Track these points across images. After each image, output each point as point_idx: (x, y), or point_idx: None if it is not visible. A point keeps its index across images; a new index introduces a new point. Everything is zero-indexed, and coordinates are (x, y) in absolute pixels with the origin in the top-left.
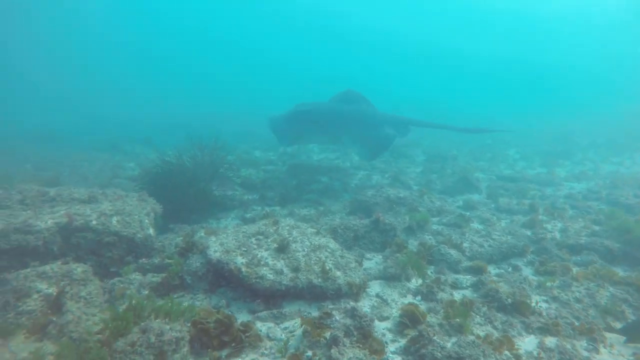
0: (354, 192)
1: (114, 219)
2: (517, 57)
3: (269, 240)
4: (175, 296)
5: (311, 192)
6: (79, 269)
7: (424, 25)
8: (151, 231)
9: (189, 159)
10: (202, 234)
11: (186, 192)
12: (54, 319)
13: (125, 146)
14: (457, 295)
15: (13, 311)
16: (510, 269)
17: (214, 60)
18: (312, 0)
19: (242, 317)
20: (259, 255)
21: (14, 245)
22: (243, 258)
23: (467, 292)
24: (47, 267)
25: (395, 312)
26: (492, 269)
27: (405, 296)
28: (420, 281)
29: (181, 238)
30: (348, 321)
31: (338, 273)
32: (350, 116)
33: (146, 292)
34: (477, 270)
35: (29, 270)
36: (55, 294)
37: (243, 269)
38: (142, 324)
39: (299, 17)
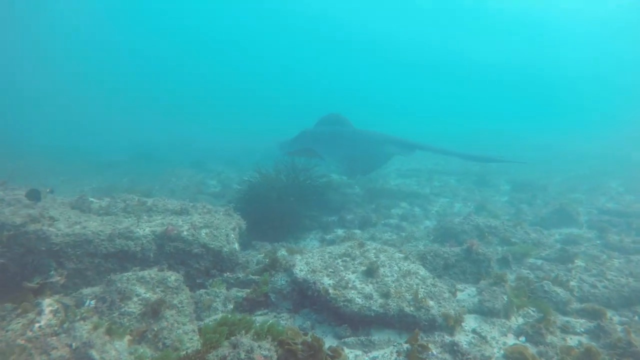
0: (436, 218)
1: (203, 232)
2: (534, 65)
3: (355, 262)
4: (258, 313)
5: (391, 217)
6: (172, 277)
7: (432, 32)
8: (236, 246)
9: (284, 175)
10: (284, 252)
11: (274, 208)
12: (152, 323)
13: (208, 164)
14: (571, 342)
15: (117, 311)
16: (637, 318)
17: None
18: (314, 8)
19: (327, 342)
20: (346, 278)
21: (118, 249)
22: (330, 279)
23: (583, 339)
24: (146, 273)
25: (497, 352)
26: (612, 316)
27: (506, 335)
28: (521, 320)
29: (262, 255)
30: (447, 357)
31: (431, 302)
32: (352, 136)
33: (231, 306)
34: (593, 315)
35: (130, 273)
36: (153, 299)
37: (330, 291)
38: (233, 338)
39: (302, 26)
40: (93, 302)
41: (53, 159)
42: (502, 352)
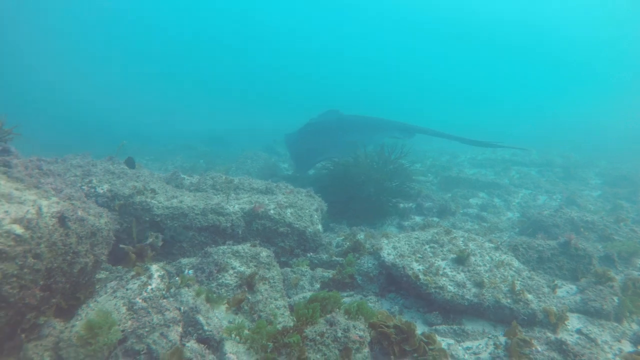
0: (519, 210)
1: (289, 211)
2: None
3: (444, 249)
4: (344, 295)
5: (469, 206)
6: (264, 253)
7: None
8: (320, 227)
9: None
10: (362, 236)
11: (356, 192)
12: (248, 296)
13: (277, 148)
14: None
15: (215, 282)
16: None
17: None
18: None
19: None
20: (436, 264)
21: (210, 223)
22: (419, 265)
23: None
24: (240, 247)
25: (612, 357)
26: None
27: (620, 341)
28: (636, 327)
29: (342, 237)
30: (554, 356)
31: (530, 296)
32: (356, 123)
33: (318, 285)
34: None
35: (225, 247)
36: (247, 273)
37: (421, 276)
38: (329, 316)
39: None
40: (191, 271)
41: (138, 142)
42: (618, 359)
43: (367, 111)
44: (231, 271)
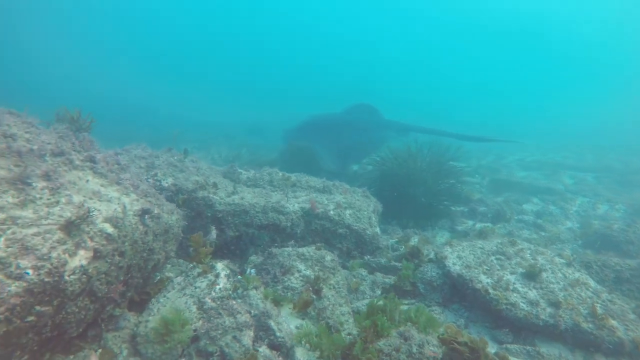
0: (577, 219)
1: (347, 212)
2: None
3: (512, 262)
4: (406, 302)
5: (524, 212)
6: (328, 257)
7: None
8: (378, 229)
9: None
10: (416, 240)
11: (408, 192)
12: (315, 301)
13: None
14: None
15: (281, 284)
16: None
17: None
18: None
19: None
20: (505, 278)
21: (270, 222)
22: (487, 277)
23: None
24: (304, 250)
25: None
26: None
27: None
28: None
29: (395, 240)
30: None
31: (614, 322)
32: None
33: (379, 291)
34: None
35: (290, 249)
36: (313, 277)
37: (490, 291)
38: (401, 329)
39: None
40: (254, 270)
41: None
42: None
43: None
44: (297, 274)
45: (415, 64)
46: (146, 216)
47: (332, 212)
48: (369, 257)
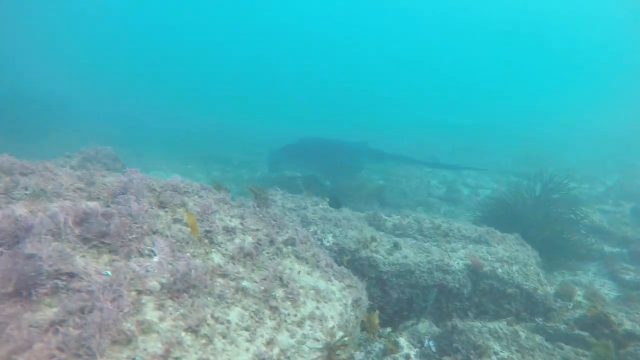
0: None
1: (515, 269)
2: None
3: None
4: None
5: None
6: (522, 333)
7: None
8: (549, 288)
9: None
10: (581, 296)
11: (535, 228)
12: None
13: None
14: None
15: None
16: None
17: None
18: None
19: None
20: None
21: (436, 282)
22: None
23: None
24: (495, 325)
25: None
26: None
27: None
28: None
29: (553, 290)
30: None
31: None
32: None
33: None
34: None
35: (480, 324)
36: None
37: None
38: None
39: None
40: (433, 343)
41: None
42: None
43: None
44: (494, 357)
45: (414, 64)
46: (357, 305)
47: (500, 271)
48: (541, 320)
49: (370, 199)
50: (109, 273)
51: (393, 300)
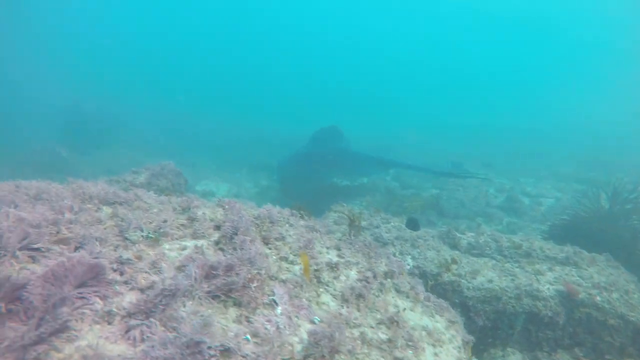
0: None
1: (614, 295)
2: None
3: None
4: None
5: None
6: None
7: None
8: None
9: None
10: None
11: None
12: None
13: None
14: None
15: None
16: None
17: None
18: None
19: None
20: None
21: (525, 309)
22: None
23: None
24: None
25: None
26: None
27: None
28: None
29: None
30: None
31: None
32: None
33: None
34: None
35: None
36: None
37: None
38: None
39: None
40: None
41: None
42: None
43: None
44: None
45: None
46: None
47: (599, 299)
48: None
49: (427, 209)
50: (249, 337)
51: (478, 327)
